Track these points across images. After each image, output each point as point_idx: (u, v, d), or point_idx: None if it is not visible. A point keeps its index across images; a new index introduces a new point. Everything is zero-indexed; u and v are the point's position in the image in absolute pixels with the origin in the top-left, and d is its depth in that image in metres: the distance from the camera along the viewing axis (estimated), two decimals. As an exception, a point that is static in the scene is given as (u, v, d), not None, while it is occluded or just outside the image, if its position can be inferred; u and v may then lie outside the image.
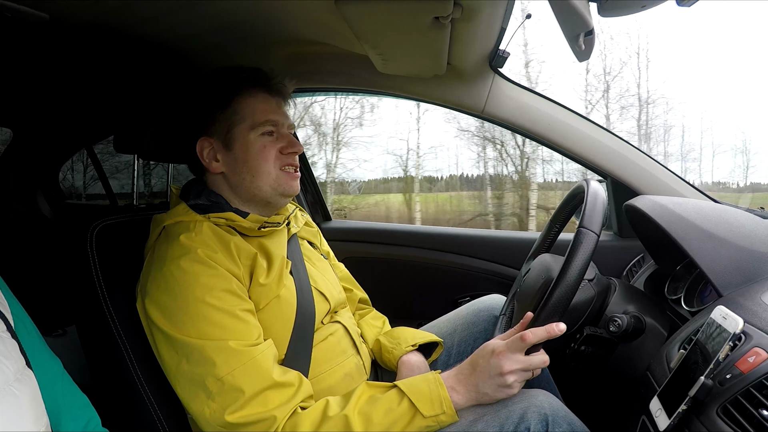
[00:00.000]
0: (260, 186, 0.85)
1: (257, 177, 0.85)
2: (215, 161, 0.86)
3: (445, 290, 1.57)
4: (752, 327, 0.61)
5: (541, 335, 0.69)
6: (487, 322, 1.05)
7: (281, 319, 0.82)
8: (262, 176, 0.85)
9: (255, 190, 0.86)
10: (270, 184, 0.86)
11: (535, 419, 0.68)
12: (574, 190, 0.95)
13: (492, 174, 5.66)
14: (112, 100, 1.38)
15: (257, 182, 0.85)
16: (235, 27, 0.96)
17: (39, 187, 1.77)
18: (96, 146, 1.79)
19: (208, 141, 0.86)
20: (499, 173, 5.55)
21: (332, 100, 6.30)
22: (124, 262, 0.85)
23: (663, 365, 0.71)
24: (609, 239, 1.42)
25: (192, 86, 0.89)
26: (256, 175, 0.85)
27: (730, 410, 0.53)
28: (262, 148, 0.85)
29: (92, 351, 0.82)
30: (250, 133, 0.84)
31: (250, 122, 0.85)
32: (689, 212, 0.85)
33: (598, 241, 0.70)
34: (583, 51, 0.76)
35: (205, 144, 0.86)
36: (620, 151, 1.30)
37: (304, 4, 0.84)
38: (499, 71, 1.28)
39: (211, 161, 0.86)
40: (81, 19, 0.81)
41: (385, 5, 0.73)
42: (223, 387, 0.69)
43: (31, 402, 0.55)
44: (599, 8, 0.70)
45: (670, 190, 1.27)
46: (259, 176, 0.85)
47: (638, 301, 0.87)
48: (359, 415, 0.70)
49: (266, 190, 0.86)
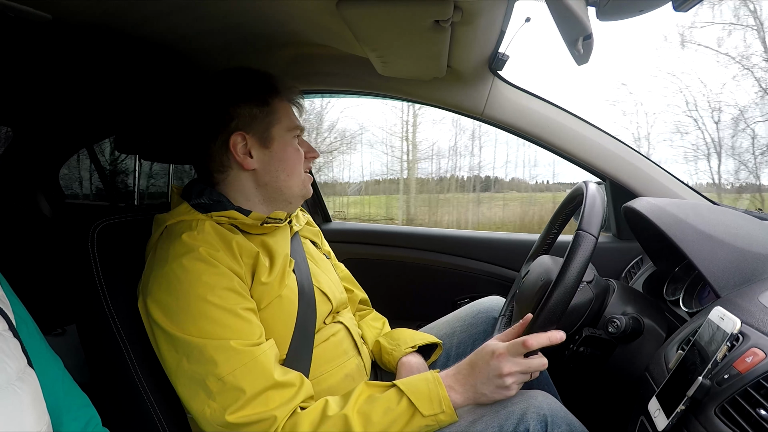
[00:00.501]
0: (291, 186, 0.88)
1: (291, 176, 0.88)
2: (249, 157, 0.86)
3: (444, 292, 1.57)
4: (750, 327, 0.61)
5: (543, 341, 0.70)
6: (486, 323, 1.05)
7: (283, 318, 0.82)
8: (295, 176, 0.88)
9: (286, 189, 0.88)
10: (299, 185, 0.89)
11: (534, 420, 0.69)
12: (573, 191, 0.96)
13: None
14: (112, 100, 1.39)
15: (290, 182, 0.88)
16: (235, 28, 0.97)
17: (39, 187, 1.77)
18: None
19: (242, 136, 0.85)
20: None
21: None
22: (125, 262, 0.85)
23: (661, 366, 0.71)
24: (608, 241, 1.43)
25: (219, 82, 0.87)
26: (291, 174, 0.88)
27: (728, 410, 0.53)
28: (296, 150, 0.89)
29: (92, 350, 0.82)
30: (287, 134, 0.87)
31: (287, 124, 0.87)
32: (687, 214, 0.86)
33: (596, 244, 0.71)
34: (582, 55, 0.76)
35: (238, 139, 0.85)
36: (619, 153, 1.30)
37: (305, 5, 0.85)
38: (499, 74, 1.28)
39: (245, 156, 0.85)
40: (83, 19, 0.81)
41: (386, 8, 0.74)
42: (224, 386, 0.70)
43: (32, 401, 0.55)
44: (598, 12, 0.70)
45: (668, 191, 1.28)
46: (293, 176, 0.88)
47: (637, 303, 0.87)
48: (358, 414, 0.70)
49: (295, 190, 0.89)
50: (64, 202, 1.91)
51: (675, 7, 0.58)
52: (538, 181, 4.90)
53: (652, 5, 0.66)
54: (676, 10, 0.58)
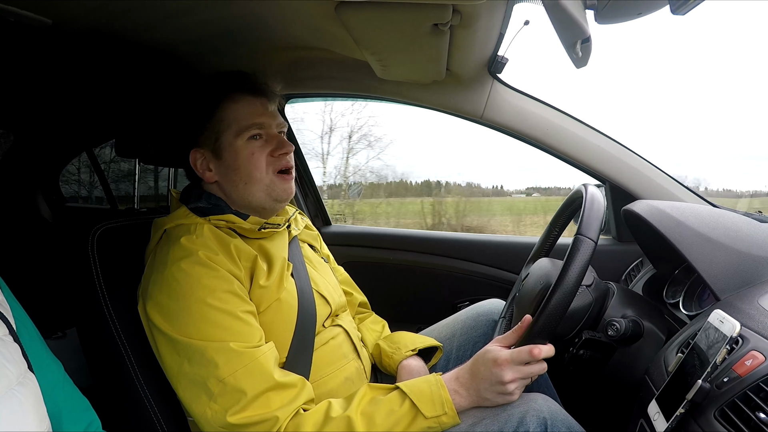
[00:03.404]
0: (254, 192, 0.85)
1: (250, 184, 0.85)
2: (208, 171, 0.86)
3: (444, 294, 1.57)
4: (749, 330, 0.61)
5: (549, 352, 0.72)
6: (486, 326, 1.05)
7: (282, 321, 0.83)
8: (255, 183, 0.85)
9: (249, 197, 0.86)
10: (264, 190, 0.86)
11: (534, 423, 0.69)
12: (572, 194, 0.96)
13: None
14: (112, 105, 1.39)
15: (251, 189, 0.85)
16: (235, 32, 0.97)
17: (39, 190, 1.78)
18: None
19: (199, 152, 0.86)
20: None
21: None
22: (124, 266, 0.85)
23: (661, 369, 0.71)
24: (608, 243, 1.43)
25: (180, 97, 0.89)
26: (249, 182, 0.85)
27: (727, 413, 0.53)
28: (250, 154, 0.84)
29: (93, 354, 0.83)
30: (237, 139, 0.84)
31: (236, 128, 0.84)
32: (687, 216, 0.86)
33: (595, 249, 0.71)
34: (581, 58, 0.76)
35: (197, 155, 0.86)
36: (618, 155, 1.31)
37: (304, 9, 0.85)
38: (498, 77, 1.29)
39: (204, 171, 0.86)
40: (83, 24, 0.82)
41: (385, 12, 0.74)
42: (225, 388, 0.70)
43: (33, 405, 0.55)
44: (596, 15, 0.70)
45: (668, 194, 1.28)
46: (252, 183, 0.85)
47: (637, 306, 0.87)
48: (362, 416, 0.71)
49: (260, 197, 0.86)
50: (65, 205, 1.92)
51: (673, 10, 0.58)
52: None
53: (650, 8, 0.67)
54: (674, 13, 0.58)
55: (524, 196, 4.69)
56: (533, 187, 4.63)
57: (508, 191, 4.71)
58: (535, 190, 4.60)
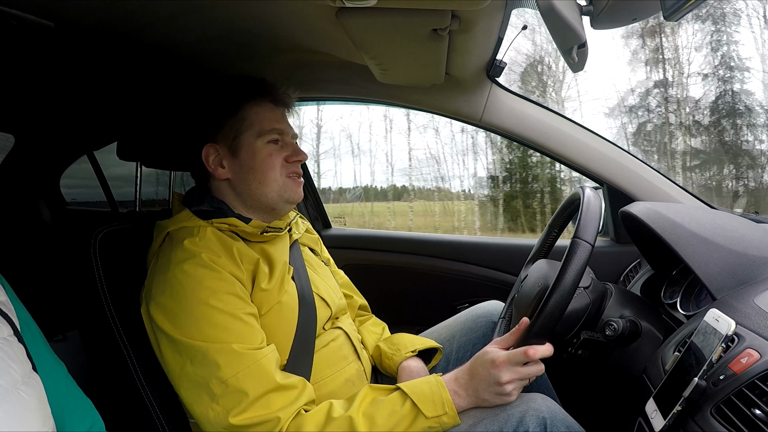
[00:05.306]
0: (266, 193, 0.87)
1: (264, 183, 0.87)
2: (221, 167, 0.87)
3: (443, 297, 1.58)
4: (745, 329, 0.62)
5: (545, 352, 0.72)
6: (486, 327, 1.06)
7: (283, 324, 0.83)
8: (268, 183, 0.87)
9: (261, 196, 0.87)
10: (276, 190, 0.88)
11: (534, 422, 0.69)
12: (570, 196, 0.97)
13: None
14: (114, 106, 1.39)
15: (264, 189, 0.87)
16: (237, 33, 0.98)
17: (40, 193, 1.78)
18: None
19: (214, 147, 0.87)
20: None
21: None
22: (127, 268, 0.86)
23: (658, 368, 0.72)
24: (605, 245, 1.44)
25: (200, 92, 0.90)
26: (263, 181, 0.87)
27: (723, 410, 0.54)
28: (268, 155, 0.87)
29: (95, 356, 0.83)
30: (257, 140, 0.86)
31: (258, 130, 0.87)
32: (683, 218, 0.87)
33: (592, 252, 0.72)
34: (577, 63, 0.78)
35: (210, 150, 0.87)
36: (616, 158, 1.32)
37: (306, 13, 0.86)
38: (497, 80, 1.30)
39: (216, 167, 0.87)
40: (84, 27, 0.82)
41: (385, 17, 0.75)
42: (227, 389, 0.70)
43: (37, 405, 0.55)
44: (592, 21, 0.72)
45: (665, 195, 1.29)
46: (266, 183, 0.87)
47: (634, 306, 0.88)
48: (363, 416, 0.71)
49: (272, 197, 0.88)
50: (66, 208, 1.92)
51: (665, 16, 0.59)
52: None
53: (644, 14, 0.68)
54: (666, 18, 0.59)
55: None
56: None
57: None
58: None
